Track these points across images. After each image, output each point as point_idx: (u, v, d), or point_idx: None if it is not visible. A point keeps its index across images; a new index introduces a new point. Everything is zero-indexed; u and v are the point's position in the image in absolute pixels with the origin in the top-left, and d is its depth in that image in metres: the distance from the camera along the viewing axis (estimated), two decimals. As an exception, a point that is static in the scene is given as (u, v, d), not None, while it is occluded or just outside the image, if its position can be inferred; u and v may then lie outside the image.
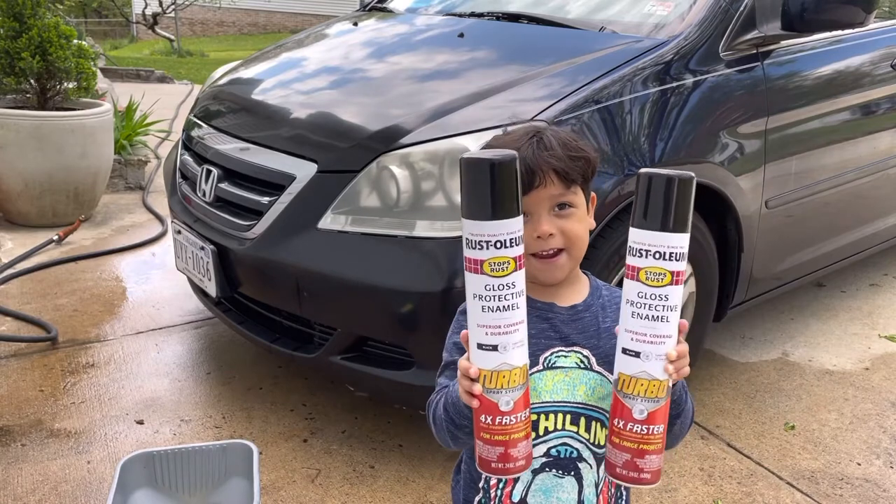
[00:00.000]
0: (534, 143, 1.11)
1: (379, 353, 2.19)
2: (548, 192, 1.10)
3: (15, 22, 4.20)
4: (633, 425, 1.00)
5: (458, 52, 2.68)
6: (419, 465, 2.29)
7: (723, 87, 2.45)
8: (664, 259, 0.94)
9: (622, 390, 1.01)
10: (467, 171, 0.93)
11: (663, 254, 0.94)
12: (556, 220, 1.11)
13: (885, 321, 3.36)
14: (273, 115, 2.58)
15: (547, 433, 1.13)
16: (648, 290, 0.96)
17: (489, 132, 2.08)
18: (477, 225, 0.92)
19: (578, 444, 1.14)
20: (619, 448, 1.02)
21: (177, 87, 10.69)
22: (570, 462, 1.14)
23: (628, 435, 1.01)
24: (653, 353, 0.98)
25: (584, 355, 1.15)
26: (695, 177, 0.94)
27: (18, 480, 2.19)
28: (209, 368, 2.85)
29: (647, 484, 1.03)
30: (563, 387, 1.13)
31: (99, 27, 23.03)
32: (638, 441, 1.01)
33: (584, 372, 1.14)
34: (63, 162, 4.23)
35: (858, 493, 2.23)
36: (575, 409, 1.13)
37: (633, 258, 0.96)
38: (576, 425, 1.14)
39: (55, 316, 3.19)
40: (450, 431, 1.09)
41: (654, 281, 0.95)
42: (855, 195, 3.04)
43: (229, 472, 1.98)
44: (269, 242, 2.26)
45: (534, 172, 1.09)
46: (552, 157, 1.10)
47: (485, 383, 0.97)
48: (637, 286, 0.96)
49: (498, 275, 0.93)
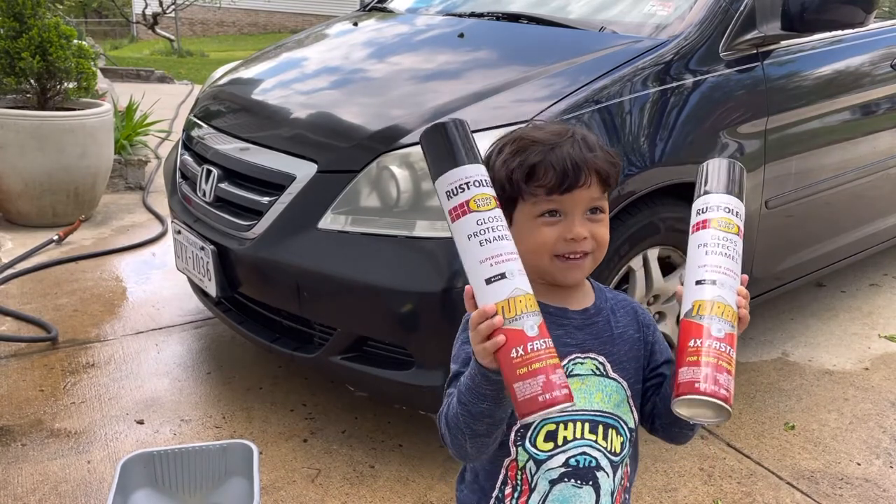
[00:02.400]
0: (578, 141, 1.09)
1: (379, 353, 2.19)
2: (588, 194, 1.08)
3: (15, 22, 4.20)
4: (711, 342, 1.01)
5: (458, 52, 2.68)
6: (419, 465, 2.29)
7: (723, 87, 2.45)
8: (732, 214, 1.09)
9: (698, 314, 1.02)
10: (432, 136, 1.01)
11: (730, 209, 1.09)
12: (588, 224, 1.09)
13: (885, 321, 3.36)
14: (273, 115, 2.58)
15: (566, 443, 1.10)
16: (722, 234, 1.07)
17: (489, 132, 2.08)
18: (453, 173, 0.98)
19: (597, 452, 1.12)
20: (695, 364, 1.00)
21: (177, 87, 10.69)
22: (588, 472, 1.12)
23: (707, 350, 1.00)
24: (727, 284, 1.05)
25: (600, 362, 1.13)
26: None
27: (18, 480, 2.19)
28: (209, 368, 2.85)
29: (724, 401, 0.98)
30: (580, 395, 1.09)
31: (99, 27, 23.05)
32: (717, 357, 1.00)
33: (599, 379, 1.13)
34: (63, 162, 4.23)
35: (858, 493, 2.23)
36: (593, 416, 1.12)
37: (705, 213, 1.09)
38: (594, 433, 1.12)
39: (55, 316, 3.19)
40: (468, 426, 1.02)
41: (725, 228, 1.08)
42: (855, 195, 3.04)
43: (229, 472, 1.98)
44: (269, 242, 2.27)
45: (580, 170, 1.06)
46: (597, 159, 1.08)
47: (504, 314, 0.94)
48: (711, 232, 1.07)
49: (485, 209, 0.97)
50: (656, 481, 2.24)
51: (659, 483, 2.23)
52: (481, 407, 1.00)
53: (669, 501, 2.17)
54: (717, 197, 1.10)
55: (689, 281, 1.06)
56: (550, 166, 1.07)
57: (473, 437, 1.03)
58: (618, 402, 1.14)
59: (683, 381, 1.00)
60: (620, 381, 1.14)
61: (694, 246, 1.08)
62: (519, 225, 1.11)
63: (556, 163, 1.07)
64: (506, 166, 1.10)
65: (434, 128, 1.01)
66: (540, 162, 1.07)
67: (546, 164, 1.07)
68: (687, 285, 1.07)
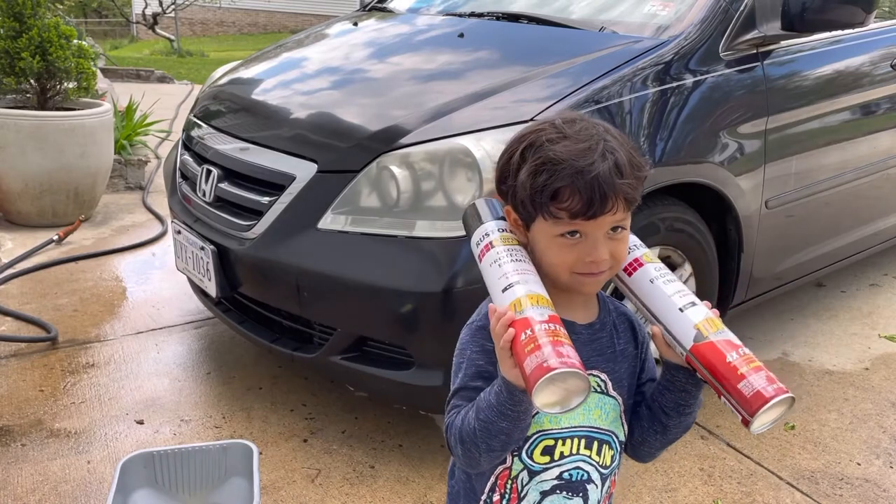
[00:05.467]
0: (609, 164, 1.02)
1: (379, 353, 2.19)
2: (613, 218, 1.04)
3: (15, 22, 4.20)
4: (742, 349, 1.02)
5: (459, 52, 2.68)
6: (419, 465, 2.29)
7: (723, 87, 2.45)
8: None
9: (712, 332, 1.04)
10: (468, 210, 1.24)
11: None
12: (609, 244, 1.06)
13: (885, 321, 3.36)
14: (273, 115, 2.58)
15: (562, 457, 1.12)
16: (660, 263, 1.14)
17: (489, 132, 2.08)
18: (483, 227, 1.18)
19: (589, 466, 1.13)
20: (749, 374, 0.99)
21: (177, 87, 10.69)
22: (580, 484, 1.13)
23: (748, 358, 1.01)
24: (699, 300, 1.09)
25: (602, 379, 1.14)
26: None
27: (18, 480, 2.19)
28: (209, 368, 2.85)
29: (788, 393, 0.98)
30: (580, 411, 1.07)
31: (99, 27, 23.04)
32: (753, 360, 1.01)
33: (599, 396, 1.14)
34: (63, 162, 4.23)
35: (858, 493, 2.23)
36: (590, 433, 1.13)
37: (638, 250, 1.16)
38: (589, 449, 1.13)
39: (55, 316, 3.19)
40: (485, 442, 1.02)
41: (654, 259, 1.16)
42: (855, 195, 3.04)
43: (229, 472, 1.98)
44: (269, 242, 2.26)
45: (607, 199, 1.01)
46: (627, 186, 1.03)
47: (515, 310, 1.00)
48: (651, 267, 1.13)
49: (509, 243, 1.13)
50: (656, 481, 2.24)
51: (659, 483, 2.23)
52: (501, 425, 1.01)
53: (669, 501, 2.17)
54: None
55: (671, 307, 1.09)
56: (577, 192, 1.01)
57: (489, 452, 1.04)
58: (613, 418, 1.15)
59: (749, 396, 0.98)
60: (617, 397, 1.15)
61: (647, 280, 1.13)
62: (537, 237, 1.09)
63: (584, 189, 1.01)
64: (529, 186, 1.04)
65: (470, 205, 1.24)
66: (566, 186, 1.02)
67: (573, 189, 1.01)
68: (666, 313, 1.09)
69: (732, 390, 0.99)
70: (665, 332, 1.08)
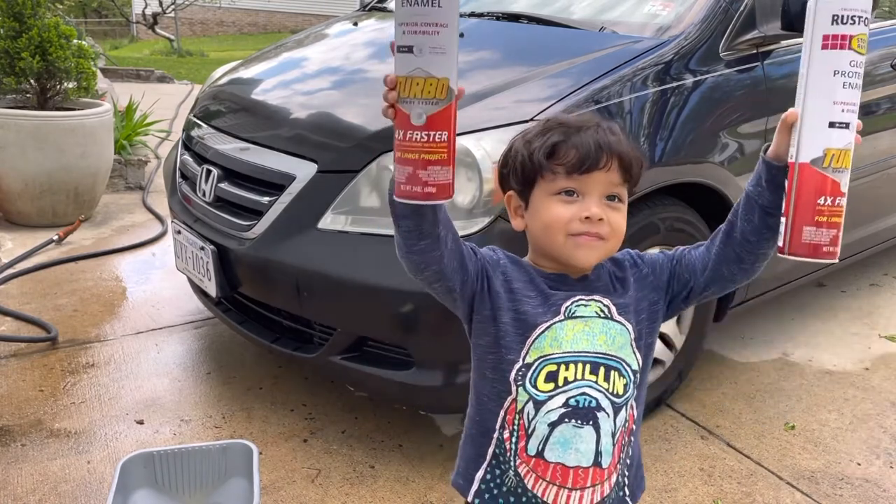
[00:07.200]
0: (603, 128, 1.12)
1: (379, 353, 2.19)
2: (608, 178, 1.10)
3: (15, 22, 4.20)
4: (838, 200, 0.96)
5: (459, 52, 2.68)
6: (419, 465, 2.29)
7: (723, 87, 2.45)
8: (867, 25, 0.94)
9: (834, 165, 0.95)
10: None
11: (867, 20, 0.94)
12: (605, 209, 1.11)
13: (885, 321, 3.36)
14: (273, 115, 2.58)
15: (567, 383, 1.12)
16: (859, 58, 0.94)
17: (489, 132, 2.08)
18: None
19: (597, 393, 1.13)
20: (822, 225, 0.97)
21: (177, 87, 10.69)
22: (588, 412, 1.13)
23: (836, 211, 0.96)
24: (853, 123, 0.96)
25: (605, 304, 1.15)
26: None
27: (18, 480, 2.19)
28: (209, 368, 2.85)
29: (835, 260, 0.98)
30: (583, 337, 1.12)
31: (99, 27, 23.04)
32: (838, 214, 0.97)
33: (603, 321, 1.15)
34: (63, 162, 4.23)
35: (858, 493, 2.23)
36: (595, 358, 1.13)
37: (844, 26, 0.93)
38: (595, 374, 1.13)
39: (55, 316, 3.19)
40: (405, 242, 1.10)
41: (862, 49, 0.94)
42: (855, 195, 3.00)
43: (229, 472, 1.98)
44: (269, 242, 2.27)
45: (601, 152, 1.09)
46: (619, 144, 1.11)
47: (400, 92, 0.94)
48: (849, 55, 0.94)
49: None
50: (656, 481, 2.24)
51: (659, 483, 2.23)
52: (406, 223, 1.07)
53: (669, 501, 2.17)
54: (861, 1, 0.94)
55: (820, 116, 0.96)
56: (573, 146, 1.09)
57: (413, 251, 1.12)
58: (621, 344, 1.15)
59: (808, 242, 0.96)
60: (626, 323, 1.16)
61: (830, 71, 0.94)
62: (535, 202, 1.13)
63: (579, 143, 1.09)
64: (528, 145, 1.13)
65: None
66: (562, 141, 1.10)
67: (569, 143, 1.10)
68: (812, 118, 0.98)
69: (796, 224, 0.97)
70: (798, 127, 1.02)
